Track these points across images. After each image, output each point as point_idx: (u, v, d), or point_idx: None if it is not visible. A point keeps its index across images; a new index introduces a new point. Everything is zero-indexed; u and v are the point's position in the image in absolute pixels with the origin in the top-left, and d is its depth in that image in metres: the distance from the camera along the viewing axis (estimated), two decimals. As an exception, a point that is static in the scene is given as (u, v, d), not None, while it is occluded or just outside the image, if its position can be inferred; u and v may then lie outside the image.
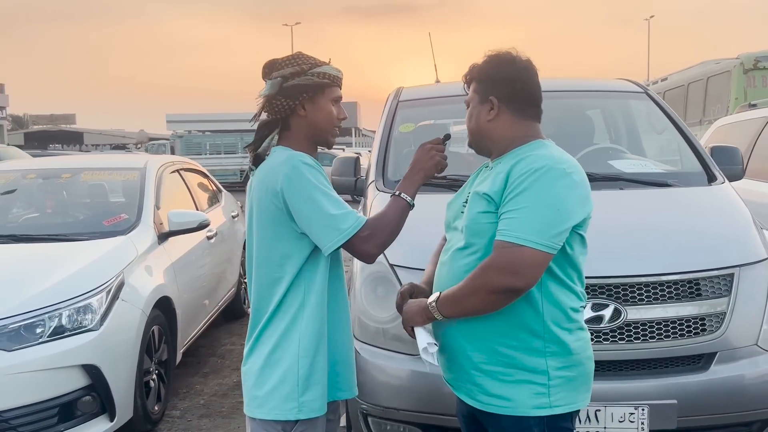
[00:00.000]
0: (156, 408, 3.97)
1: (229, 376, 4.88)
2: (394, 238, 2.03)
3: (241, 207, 2.02)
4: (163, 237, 4.37)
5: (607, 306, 2.65)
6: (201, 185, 6.04)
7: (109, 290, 3.52)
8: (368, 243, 1.94)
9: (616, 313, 2.64)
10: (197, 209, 5.29)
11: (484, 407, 1.88)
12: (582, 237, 1.88)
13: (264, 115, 2.08)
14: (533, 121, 1.97)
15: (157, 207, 4.52)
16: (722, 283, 2.75)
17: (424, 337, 1.93)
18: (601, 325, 2.64)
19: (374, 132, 4.59)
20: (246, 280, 6.66)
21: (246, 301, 6.87)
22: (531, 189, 1.76)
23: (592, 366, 1.96)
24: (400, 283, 2.81)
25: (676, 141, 3.90)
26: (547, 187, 1.77)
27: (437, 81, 5.20)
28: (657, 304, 2.68)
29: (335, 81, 2.08)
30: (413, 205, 2.07)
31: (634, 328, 2.66)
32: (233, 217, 6.24)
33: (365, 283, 3.00)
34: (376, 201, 3.46)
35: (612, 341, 2.65)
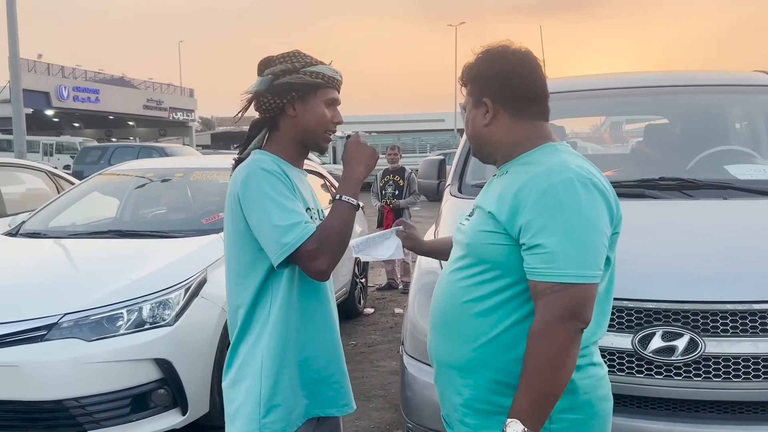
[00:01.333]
0: (238, 405, 4.03)
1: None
2: (344, 250, 1.85)
3: (362, 207, 1.94)
4: (260, 236, 4.43)
5: (681, 336, 2.27)
6: (322, 186, 6.12)
7: (189, 287, 3.61)
8: (317, 259, 1.78)
9: (693, 345, 2.25)
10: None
11: None
12: (607, 259, 1.58)
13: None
14: (539, 121, 1.71)
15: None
16: None
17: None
18: (673, 358, 2.26)
19: None
20: (361, 280, 6.79)
21: (361, 301, 6.86)
22: (557, 210, 1.50)
23: (609, 407, 1.65)
24: None
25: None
26: (575, 205, 1.49)
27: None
28: (745, 337, 2.25)
29: (330, 82, 1.94)
30: (359, 205, 1.89)
31: (714, 363, 2.25)
32: None
33: (419, 293, 2.82)
34: (446, 207, 3.26)
35: (685, 377, 2.26)
